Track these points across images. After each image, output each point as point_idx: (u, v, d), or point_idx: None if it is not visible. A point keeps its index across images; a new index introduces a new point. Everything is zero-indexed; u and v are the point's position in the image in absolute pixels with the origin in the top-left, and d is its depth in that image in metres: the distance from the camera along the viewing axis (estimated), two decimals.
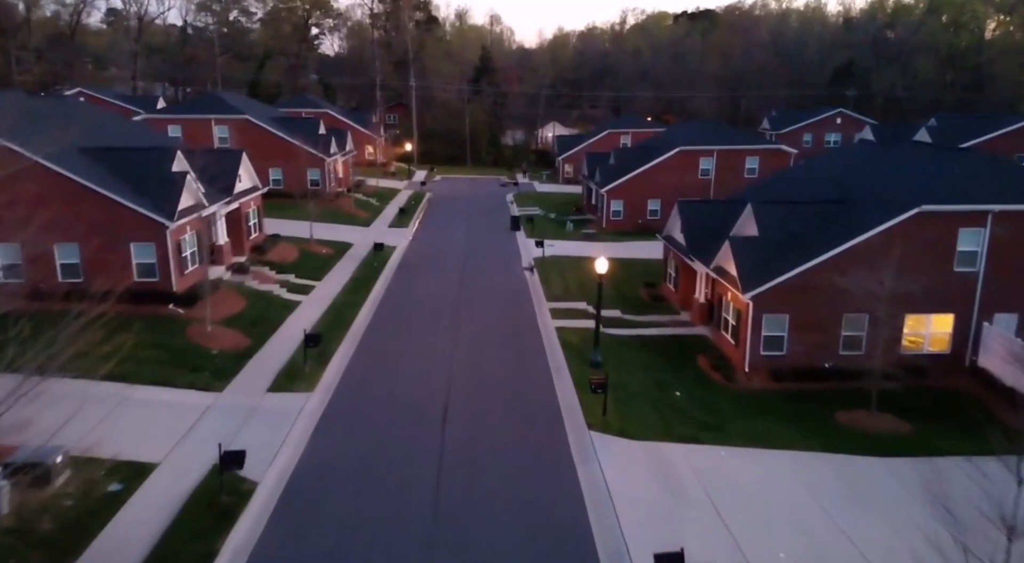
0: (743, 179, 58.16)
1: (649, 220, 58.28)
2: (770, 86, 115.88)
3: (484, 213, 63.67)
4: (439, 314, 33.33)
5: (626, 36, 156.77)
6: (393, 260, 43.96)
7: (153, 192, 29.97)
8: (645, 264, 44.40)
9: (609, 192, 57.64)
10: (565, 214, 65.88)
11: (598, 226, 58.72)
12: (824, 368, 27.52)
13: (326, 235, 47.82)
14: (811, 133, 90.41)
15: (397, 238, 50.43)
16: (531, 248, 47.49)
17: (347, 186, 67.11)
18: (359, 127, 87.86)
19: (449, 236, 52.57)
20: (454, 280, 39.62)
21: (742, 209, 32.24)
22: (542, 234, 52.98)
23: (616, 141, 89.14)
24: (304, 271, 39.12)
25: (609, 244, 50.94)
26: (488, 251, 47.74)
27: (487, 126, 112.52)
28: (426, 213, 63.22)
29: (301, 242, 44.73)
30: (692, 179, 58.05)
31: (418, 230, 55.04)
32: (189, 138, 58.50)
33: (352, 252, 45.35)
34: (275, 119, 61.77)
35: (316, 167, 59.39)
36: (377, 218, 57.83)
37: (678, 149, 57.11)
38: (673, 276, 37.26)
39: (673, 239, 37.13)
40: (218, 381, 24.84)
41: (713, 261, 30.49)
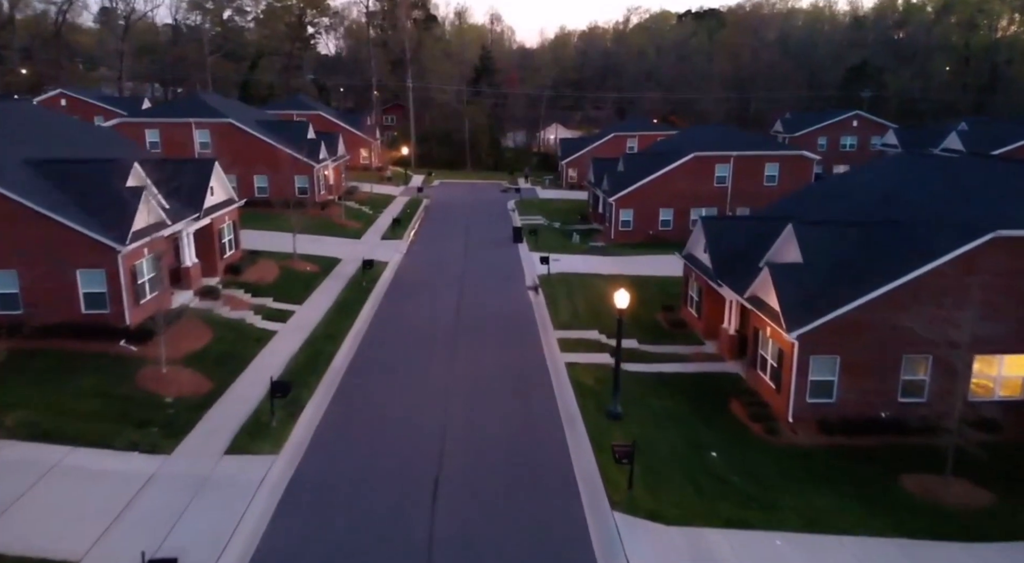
0: (762, 187, 54.29)
1: (661, 231, 54.40)
2: (780, 87, 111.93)
3: (484, 223, 59.75)
4: (432, 348, 29.38)
5: (630, 36, 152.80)
6: (384, 279, 40.00)
7: (104, 211, 26.04)
8: (661, 283, 40.45)
9: (618, 201, 53.72)
10: (570, 223, 61.98)
11: (606, 237, 54.79)
12: (880, 418, 23.59)
13: (312, 249, 43.88)
14: (826, 136, 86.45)
15: (390, 252, 46.49)
16: (535, 264, 43.57)
17: (338, 193, 63.18)
18: (353, 130, 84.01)
19: (446, 250, 48.61)
20: (450, 304, 35.67)
21: (778, 228, 28.33)
22: (547, 247, 49.09)
23: (622, 144, 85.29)
24: (284, 293, 35.18)
25: (619, 259, 47.01)
26: (489, 267, 43.79)
27: (487, 128, 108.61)
28: (422, 223, 59.28)
29: (283, 258, 40.80)
30: (707, 187, 54.12)
31: (413, 243, 51.08)
32: (168, 144, 54.69)
33: (339, 269, 41.40)
34: (261, 123, 57.88)
35: (304, 174, 55.52)
36: (369, 229, 53.89)
37: (692, 155, 53.18)
38: (695, 300, 33.31)
39: (696, 259, 33.19)
40: (168, 439, 20.91)
41: (747, 290, 26.56)
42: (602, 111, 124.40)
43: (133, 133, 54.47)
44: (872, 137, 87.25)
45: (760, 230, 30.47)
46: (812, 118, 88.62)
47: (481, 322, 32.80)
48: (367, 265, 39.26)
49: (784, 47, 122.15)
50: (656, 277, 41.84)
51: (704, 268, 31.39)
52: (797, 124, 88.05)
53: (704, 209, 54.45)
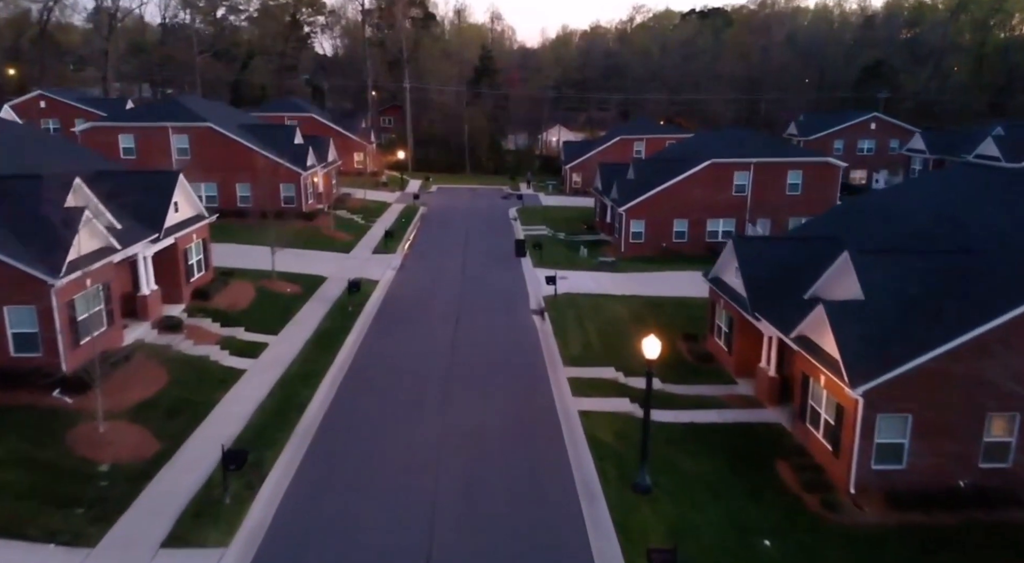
0: (784, 196, 50.36)
1: (675, 244, 50.46)
2: (790, 88, 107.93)
3: (484, 234, 55.77)
4: (424, 393, 25.39)
5: (633, 35, 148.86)
6: (372, 302, 36.01)
7: (37, 237, 22.08)
8: (680, 306, 36.52)
9: (629, 211, 49.75)
10: (576, 234, 58.03)
11: (616, 250, 50.82)
12: (958, 488, 19.64)
13: (295, 266, 39.94)
14: (843, 140, 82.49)
15: (381, 269, 42.53)
16: (540, 283, 39.62)
17: (329, 202, 59.23)
18: (346, 133, 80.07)
19: (443, 266, 44.63)
20: (446, 335, 31.66)
21: (823, 252, 24.46)
22: (552, 262, 45.17)
23: (628, 148, 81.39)
24: (258, 321, 31.23)
25: (632, 276, 43.04)
26: (489, 288, 39.80)
27: (487, 131, 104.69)
28: (418, 234, 55.30)
29: (261, 278, 36.84)
30: (725, 197, 50.16)
31: (407, 257, 47.11)
32: (143, 150, 50.76)
33: (324, 290, 37.44)
34: (245, 127, 53.92)
35: (290, 182, 51.59)
36: (360, 242, 49.89)
37: (709, 162, 49.20)
38: (724, 332, 29.34)
39: (725, 285, 29.25)
40: (95, 524, 16.98)
41: (794, 328, 22.59)
42: (606, 113, 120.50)
43: (106, 139, 50.61)
44: (891, 140, 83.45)
45: (802, 254, 26.54)
46: (828, 120, 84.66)
47: (480, 357, 28.83)
48: (353, 287, 35.25)
49: (793, 46, 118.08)
50: (674, 298, 37.90)
51: (736, 296, 27.44)
52: (812, 126, 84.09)
53: (722, 220, 50.64)
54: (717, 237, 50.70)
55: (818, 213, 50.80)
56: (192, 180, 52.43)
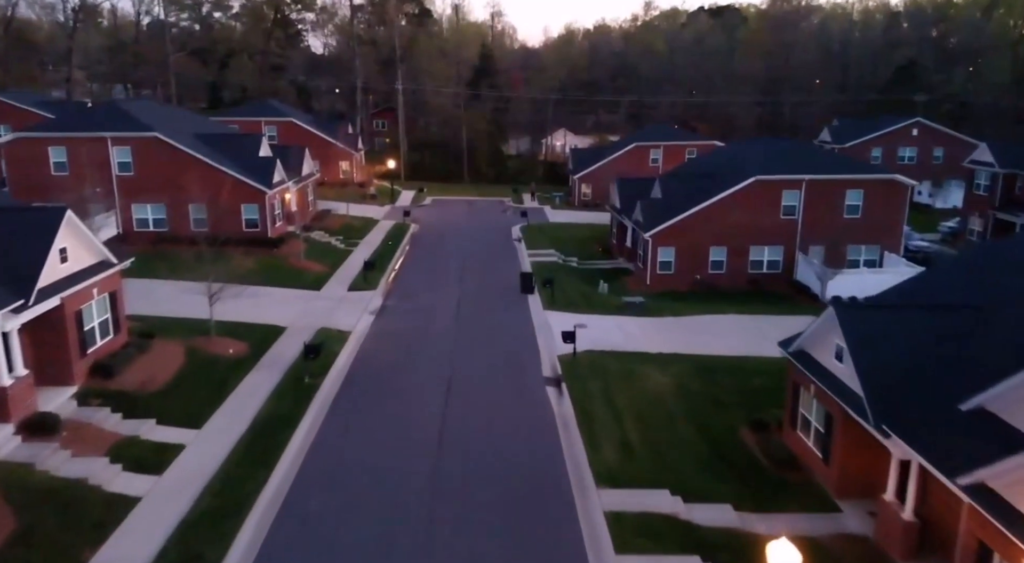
0: (841, 220, 42.30)
1: (711, 275, 42.44)
2: (815, 89, 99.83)
3: (484, 259, 47.65)
4: (392, 543, 17.26)
5: (641, 34, 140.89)
6: (338, 369, 27.78)
7: None
8: (735, 370, 28.49)
9: (656, 237, 41.69)
10: (589, 258, 50.00)
11: (640, 282, 42.77)
12: None
13: (246, 312, 31.86)
14: (881, 147, 74.42)
15: (355, 314, 34.42)
16: (553, 335, 31.53)
17: (304, 222, 51.17)
18: (330, 139, 71.97)
19: (432, 309, 36.47)
20: (429, 431, 23.32)
21: (969, 327, 16.46)
22: (566, 301, 37.19)
23: (644, 156, 73.45)
24: (177, 407, 23.14)
25: (666, 322, 34.92)
26: (490, 342, 31.60)
27: (487, 135, 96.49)
28: (405, 261, 47.16)
29: (196, 334, 28.77)
30: (772, 220, 42.09)
31: (390, 294, 38.99)
32: (76, 166, 42.63)
33: (279, 350, 29.28)
34: (202, 137, 45.79)
35: (253, 202, 43.52)
36: (335, 274, 41.75)
37: (754, 179, 41.12)
38: (817, 430, 21.19)
39: (818, 367, 21.15)
40: None
41: (968, 472, 14.42)
42: (614, 115, 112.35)
43: (33, 152, 42.60)
44: (934, 149, 75.45)
45: (938, 329, 18.50)
46: (864, 126, 76.54)
47: (478, 476, 20.57)
48: (311, 352, 26.97)
49: (816, 45, 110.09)
50: (726, 359, 29.85)
51: (841, 388, 19.34)
52: (847, 133, 75.95)
53: (767, 248, 42.63)
54: (761, 268, 42.70)
55: (883, 241, 43.07)
56: (137, 201, 44.94)
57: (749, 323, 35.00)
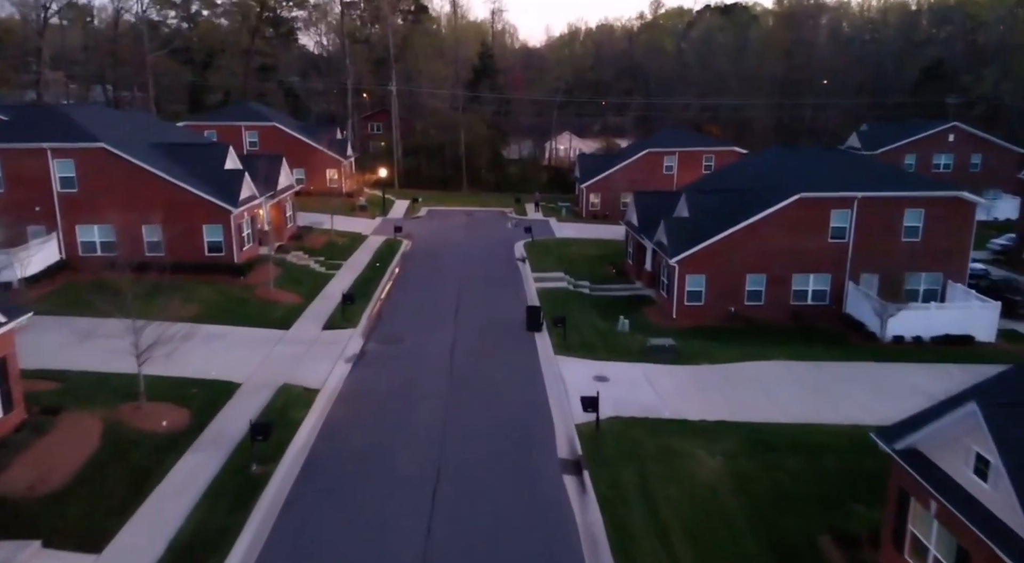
0: (899, 244, 36.37)
1: (748, 307, 36.55)
2: (837, 91, 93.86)
3: (484, 287, 41.70)
4: None
5: (648, 33, 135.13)
6: (293, 454, 21.56)
7: None
8: (795, 441, 22.61)
9: (684, 264, 35.82)
10: (602, 281, 44.17)
11: (664, 314, 36.89)
12: None
13: (193, 364, 26.08)
14: (915, 154, 68.61)
15: (327, 363, 28.47)
16: (569, 393, 25.68)
17: (280, 241, 45.29)
18: (317, 145, 66.08)
19: (421, 354, 30.46)
20: (412, 543, 17.60)
21: None
22: (581, 344, 31.36)
23: (657, 163, 67.61)
24: (68, 523, 17.20)
25: (702, 372, 28.97)
26: (491, 409, 25.47)
27: (487, 140, 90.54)
28: (392, 288, 41.21)
29: (122, 398, 22.92)
30: (818, 244, 36.19)
31: (372, 334, 33.03)
32: (13, 181, 36.85)
33: (225, 418, 23.33)
34: (159, 147, 39.91)
35: (216, 221, 37.64)
36: (309, 308, 35.74)
37: (798, 197, 35.23)
38: (931, 546, 15.28)
39: (948, 483, 15.18)
40: None
41: None
42: (622, 118, 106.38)
43: None
44: (971, 155, 69.58)
45: None
46: (896, 131, 70.64)
47: None
48: (259, 433, 20.85)
49: (836, 44, 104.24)
50: (787, 426, 23.95)
51: (988, 522, 13.45)
52: (878, 139, 70.09)
53: (812, 276, 36.74)
54: (805, 299, 36.82)
55: (946, 268, 37.17)
56: (82, 222, 39.00)
57: (802, 373, 29.12)
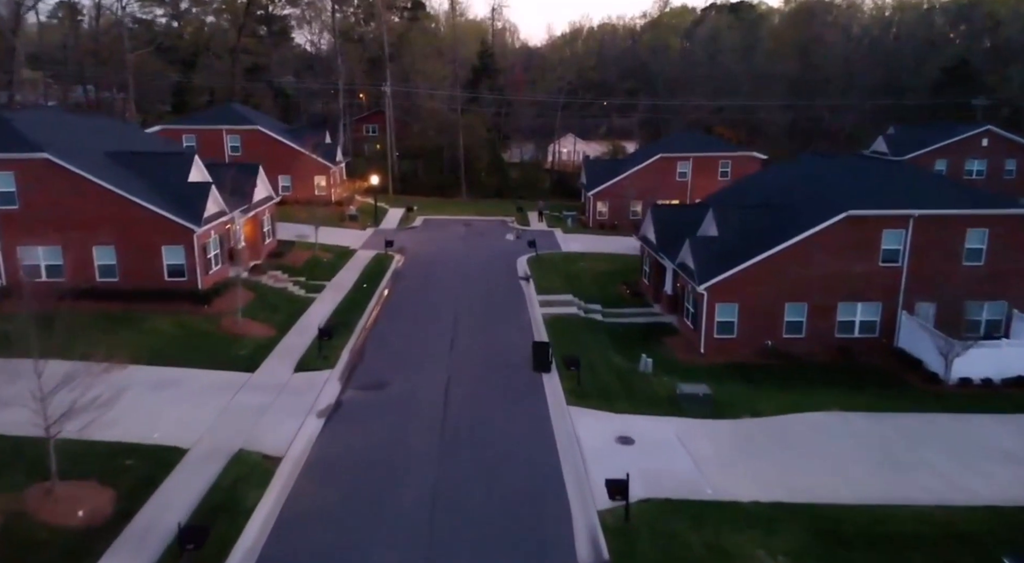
0: (960, 267, 31.72)
1: (786, 341, 31.92)
2: (854, 92, 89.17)
3: (484, 313, 36.96)
4: None
5: (653, 32, 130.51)
6: (242, 551, 16.94)
7: None
8: (873, 531, 17.99)
9: (714, 291, 31.16)
10: (615, 303, 39.54)
11: (690, 348, 32.19)
12: None
13: (131, 421, 21.46)
14: (946, 159, 64.07)
15: (295, 419, 23.71)
16: (587, 464, 21.00)
17: (257, 259, 40.64)
18: (304, 150, 61.40)
19: (408, 407, 25.55)
20: None
21: None
22: (598, 391, 26.71)
23: (670, 169, 63.12)
24: None
25: (747, 428, 24.26)
26: (491, 490, 20.56)
27: (488, 143, 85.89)
28: (379, 315, 36.45)
29: (30, 474, 18.26)
30: (867, 268, 31.53)
31: (351, 378, 28.29)
32: None
33: (159, 504, 18.54)
34: (115, 157, 35.21)
35: (177, 242, 32.93)
36: (281, 342, 30.95)
37: (845, 215, 30.55)
38: None
39: None
40: None
41: None
42: (628, 120, 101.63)
43: None
44: (1006, 161, 64.99)
45: None
46: (925, 135, 66.00)
47: None
48: (189, 539, 15.95)
49: (851, 43, 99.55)
50: (860, 509, 19.28)
51: None
52: (905, 143, 65.52)
53: (860, 305, 32.11)
54: (852, 331, 32.21)
55: (1011, 296, 32.46)
56: (24, 242, 34.17)
57: (862, 428, 24.45)
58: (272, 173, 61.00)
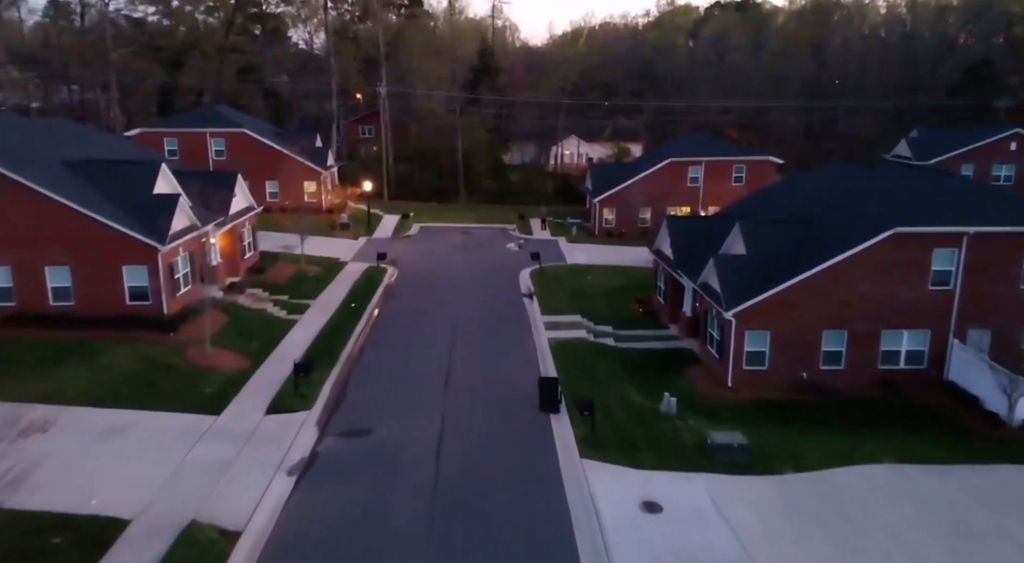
0: (1018, 291, 28.19)
1: (824, 372, 28.40)
2: (868, 93, 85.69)
3: (483, 339, 33.36)
4: None
5: (658, 31, 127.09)
6: None
7: None
8: None
9: (744, 317, 27.64)
10: (627, 323, 36.03)
11: (716, 381, 28.64)
12: None
13: (68, 487, 17.97)
14: (973, 163, 60.64)
15: (260, 478, 20.06)
16: (606, 536, 17.49)
17: (236, 276, 37.12)
18: (293, 155, 57.90)
19: (395, 461, 21.86)
20: None
21: None
22: (616, 439, 23.12)
23: (681, 175, 59.64)
24: None
25: (792, 487, 20.69)
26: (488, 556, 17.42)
27: (488, 145, 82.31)
28: (367, 341, 32.83)
29: None
30: (915, 292, 27.99)
31: (330, 422, 24.70)
32: None
33: None
34: (73, 166, 31.68)
35: (140, 262, 29.40)
36: (254, 376, 27.32)
37: (892, 232, 27.04)
38: None
39: None
40: None
41: None
42: (633, 121, 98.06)
43: None
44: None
45: None
46: (950, 138, 62.58)
47: None
48: None
49: (865, 43, 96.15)
50: None
51: None
52: (930, 146, 62.07)
53: (906, 332, 28.52)
54: (896, 362, 28.68)
55: None
56: None
57: (924, 485, 20.92)
58: (259, 179, 57.79)
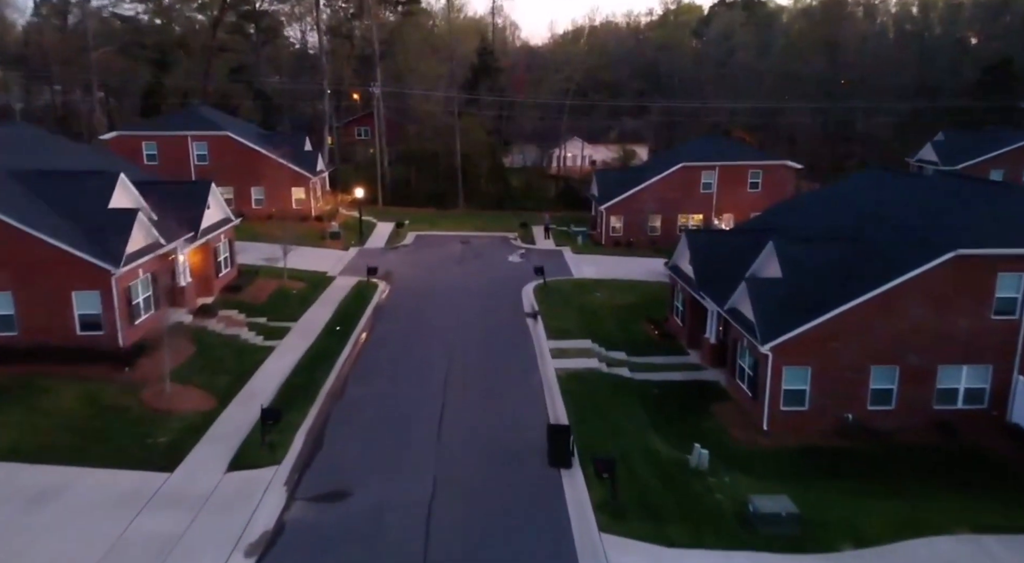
0: None
1: (871, 413, 24.84)
2: (885, 93, 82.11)
3: (482, 369, 29.70)
4: None
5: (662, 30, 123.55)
6: None
7: None
8: None
9: (782, 351, 24.07)
10: (642, 347, 32.46)
11: (750, 426, 25.04)
12: None
13: None
14: (1002, 169, 57.02)
15: (212, 561, 16.72)
16: None
17: (209, 295, 33.57)
18: (278, 158, 54.32)
19: (376, 534, 18.22)
20: None
21: None
22: (641, 507, 19.54)
23: (693, 180, 56.10)
24: None
25: None
26: None
27: (488, 148, 78.68)
28: (350, 374, 29.20)
29: None
30: (976, 321, 24.43)
31: (301, 482, 21.09)
32: None
33: None
34: (20, 177, 28.08)
35: (91, 287, 25.83)
36: (217, 421, 23.64)
37: (953, 254, 23.47)
38: None
39: None
40: None
41: None
42: (639, 123, 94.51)
43: None
44: None
45: None
46: (978, 142, 59.04)
47: None
48: None
49: (879, 42, 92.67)
50: None
51: None
52: (957, 150, 58.51)
53: (965, 368, 24.94)
54: (954, 401, 25.09)
55: None
56: None
57: (1004, 561, 17.45)
58: (243, 185, 54.36)
